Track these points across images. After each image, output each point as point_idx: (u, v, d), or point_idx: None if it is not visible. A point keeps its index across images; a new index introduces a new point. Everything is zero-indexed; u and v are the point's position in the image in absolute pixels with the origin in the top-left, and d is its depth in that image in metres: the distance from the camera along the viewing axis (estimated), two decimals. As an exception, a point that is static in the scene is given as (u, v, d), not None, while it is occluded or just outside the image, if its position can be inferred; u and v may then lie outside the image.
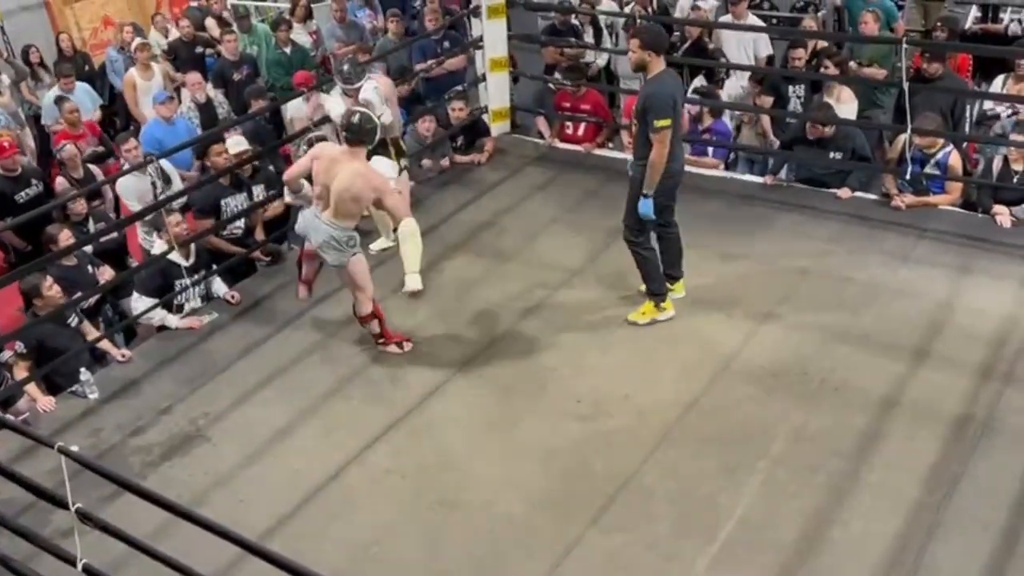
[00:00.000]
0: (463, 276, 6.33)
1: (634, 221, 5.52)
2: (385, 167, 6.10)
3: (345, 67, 6.25)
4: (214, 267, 6.37)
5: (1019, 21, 8.65)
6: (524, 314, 5.93)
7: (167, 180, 7.24)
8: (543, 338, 5.71)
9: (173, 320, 6.04)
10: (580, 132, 8.10)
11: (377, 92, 6.20)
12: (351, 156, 5.25)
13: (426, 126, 7.64)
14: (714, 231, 6.53)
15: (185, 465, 4.97)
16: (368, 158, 5.53)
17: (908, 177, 6.57)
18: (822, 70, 7.45)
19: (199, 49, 9.81)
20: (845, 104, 7.40)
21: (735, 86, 8.15)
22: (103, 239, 6.55)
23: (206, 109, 8.52)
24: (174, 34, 10.18)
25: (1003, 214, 6.33)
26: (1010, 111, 7.07)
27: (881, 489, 4.42)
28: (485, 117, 8.24)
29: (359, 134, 5.23)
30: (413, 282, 5.32)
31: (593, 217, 6.92)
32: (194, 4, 11.01)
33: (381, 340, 5.67)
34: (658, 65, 5.30)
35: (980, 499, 4.31)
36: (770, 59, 8.69)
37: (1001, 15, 9.45)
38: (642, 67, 5.34)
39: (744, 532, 4.27)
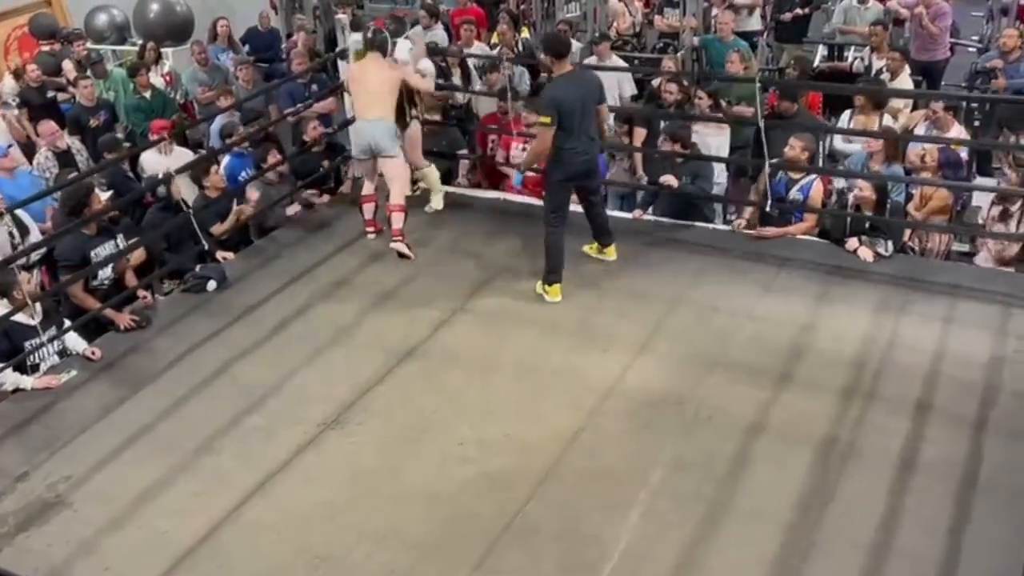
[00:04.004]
0: (337, 320, 6.22)
1: (551, 205, 6.17)
2: (403, 51, 7.31)
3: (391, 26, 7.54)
4: (67, 322, 6.03)
5: (861, 59, 9.21)
6: (402, 357, 5.85)
7: (24, 231, 6.88)
8: (421, 380, 5.65)
9: (28, 381, 5.68)
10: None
11: (411, 52, 7.38)
12: (374, 62, 6.83)
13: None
14: (587, 266, 6.65)
15: (44, 534, 4.65)
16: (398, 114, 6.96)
17: (768, 209, 6.85)
18: (696, 100, 7.75)
19: (51, 94, 9.38)
20: (723, 130, 7.98)
21: (602, 124, 8.34)
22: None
23: (65, 157, 8.16)
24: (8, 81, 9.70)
25: (863, 249, 6.58)
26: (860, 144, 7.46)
27: (756, 514, 4.52)
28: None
29: (373, 43, 6.82)
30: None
31: (468, 254, 6.94)
32: (45, 49, 10.55)
33: (400, 237, 6.79)
34: (560, 67, 5.99)
35: (849, 518, 4.46)
36: (634, 98, 8.99)
37: (846, 54, 10.06)
38: (549, 70, 6.21)
39: (627, 566, 4.28)
